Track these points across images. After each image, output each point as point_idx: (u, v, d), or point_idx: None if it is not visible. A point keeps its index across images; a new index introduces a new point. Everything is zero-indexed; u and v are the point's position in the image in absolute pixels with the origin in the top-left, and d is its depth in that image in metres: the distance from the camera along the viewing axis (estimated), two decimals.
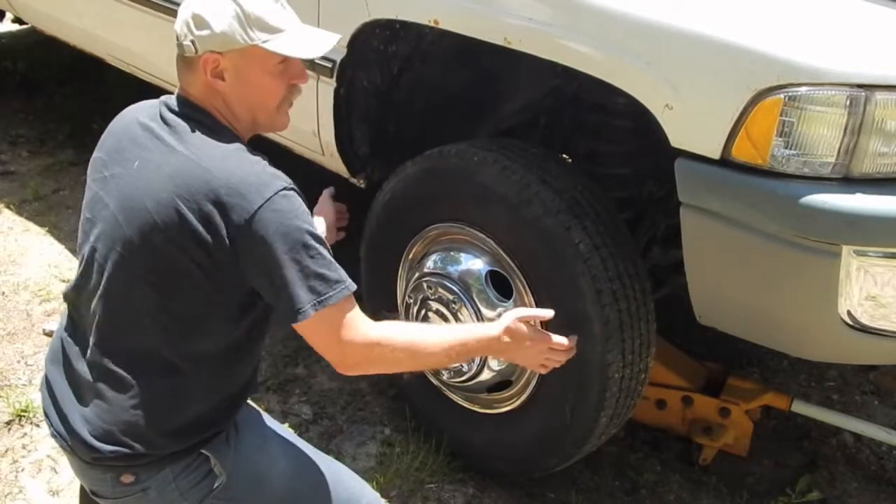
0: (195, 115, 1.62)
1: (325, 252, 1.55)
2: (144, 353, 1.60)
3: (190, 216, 1.51)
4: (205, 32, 1.56)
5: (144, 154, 1.60)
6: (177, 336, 1.59)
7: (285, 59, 1.62)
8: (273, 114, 1.67)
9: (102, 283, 1.62)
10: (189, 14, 1.58)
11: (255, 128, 1.69)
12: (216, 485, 1.69)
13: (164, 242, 1.53)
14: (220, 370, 1.65)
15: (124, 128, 1.68)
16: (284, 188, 1.54)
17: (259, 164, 1.57)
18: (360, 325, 1.59)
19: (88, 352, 1.64)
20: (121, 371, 1.60)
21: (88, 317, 1.65)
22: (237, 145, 1.60)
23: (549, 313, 1.81)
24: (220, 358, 1.64)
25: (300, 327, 1.56)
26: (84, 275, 1.67)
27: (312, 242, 1.53)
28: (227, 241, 1.51)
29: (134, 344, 1.60)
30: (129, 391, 1.60)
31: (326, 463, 1.82)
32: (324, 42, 1.67)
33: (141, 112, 1.68)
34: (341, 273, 1.56)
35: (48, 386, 1.73)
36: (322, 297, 1.52)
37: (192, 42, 1.57)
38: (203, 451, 1.67)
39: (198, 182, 1.52)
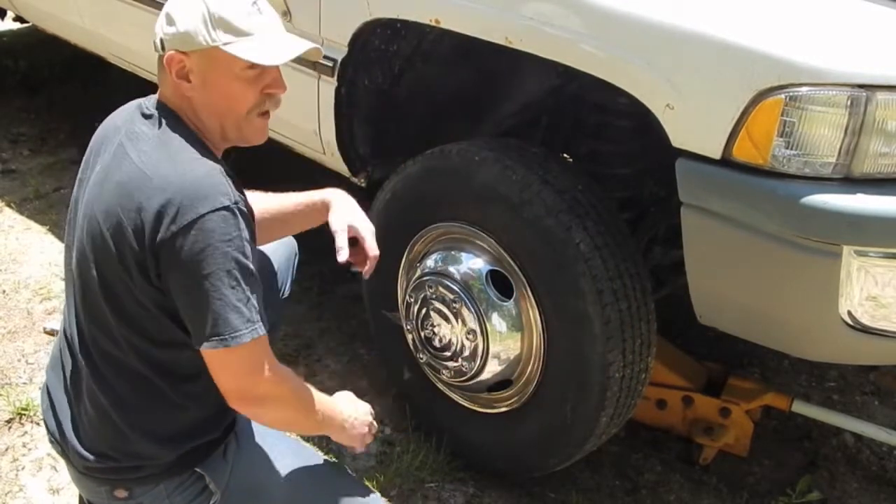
0: (164, 117, 1.56)
1: (245, 287, 1.48)
2: (115, 361, 1.59)
3: (126, 225, 1.47)
4: (171, 30, 1.52)
5: (104, 159, 1.58)
6: (138, 345, 1.56)
7: (257, 66, 1.54)
8: (242, 122, 1.59)
9: (72, 288, 1.62)
10: (164, 11, 1.55)
11: (225, 137, 1.61)
12: (212, 502, 1.68)
13: (108, 252, 1.50)
14: (192, 379, 1.61)
15: (104, 128, 1.66)
16: (223, 207, 1.45)
17: (206, 176, 1.49)
18: (266, 365, 1.54)
19: (75, 359, 1.64)
20: (99, 380, 1.60)
21: (70, 324, 1.65)
22: (191, 152, 1.52)
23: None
24: (190, 368, 1.60)
25: (205, 354, 1.51)
26: (65, 279, 1.68)
27: (236, 272, 1.46)
28: (152, 254, 1.46)
29: (106, 351, 1.59)
30: (108, 400, 1.60)
31: (330, 475, 1.81)
32: (290, 49, 1.57)
33: (121, 113, 1.65)
34: (254, 313, 1.49)
35: (47, 392, 1.73)
36: (225, 336, 1.46)
37: (161, 40, 1.54)
38: (197, 469, 1.66)
39: (137, 190, 1.47)
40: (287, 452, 1.78)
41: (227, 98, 1.56)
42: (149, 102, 1.61)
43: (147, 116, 1.58)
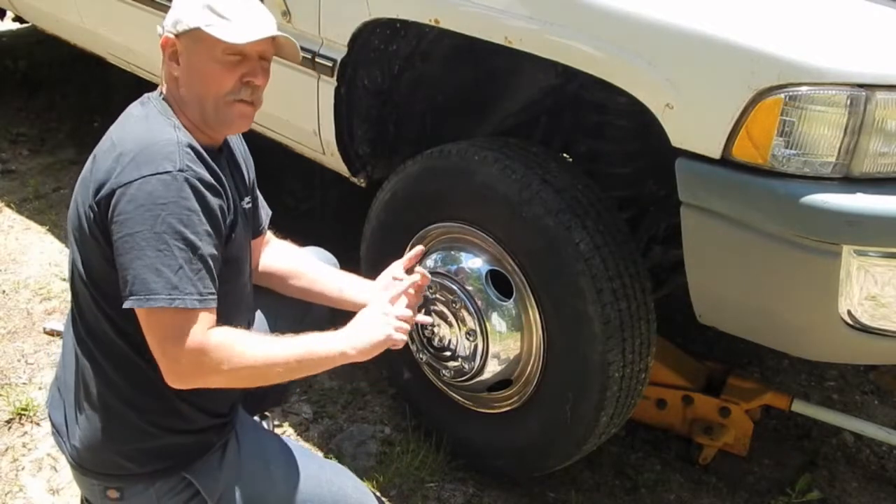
0: (155, 100, 1.65)
1: (178, 255, 1.46)
2: (99, 338, 1.61)
3: (89, 187, 1.55)
4: (169, 14, 1.63)
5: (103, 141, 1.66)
6: (111, 316, 1.58)
7: (239, 53, 1.59)
8: (220, 105, 1.61)
9: (68, 270, 1.67)
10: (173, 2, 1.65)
11: (205, 119, 1.63)
12: None
13: (79, 218, 1.57)
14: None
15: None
16: (165, 172, 1.48)
17: (157, 144, 1.52)
18: (192, 334, 1.47)
19: (78, 342, 1.67)
20: (90, 360, 1.62)
21: (72, 309, 1.69)
22: (160, 125, 1.57)
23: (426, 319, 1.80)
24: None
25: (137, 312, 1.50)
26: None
27: (167, 237, 1.46)
28: (98, 209, 1.51)
29: (91, 327, 1.62)
30: (99, 380, 1.62)
31: (331, 480, 1.80)
32: (259, 31, 1.59)
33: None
34: (183, 282, 1.46)
35: (56, 386, 1.76)
36: (140, 296, 1.45)
37: (163, 26, 1.64)
38: (186, 475, 1.67)
39: (102, 157, 1.56)
40: (287, 460, 1.77)
41: (204, 79, 1.61)
42: (153, 92, 1.70)
43: (143, 102, 1.67)
